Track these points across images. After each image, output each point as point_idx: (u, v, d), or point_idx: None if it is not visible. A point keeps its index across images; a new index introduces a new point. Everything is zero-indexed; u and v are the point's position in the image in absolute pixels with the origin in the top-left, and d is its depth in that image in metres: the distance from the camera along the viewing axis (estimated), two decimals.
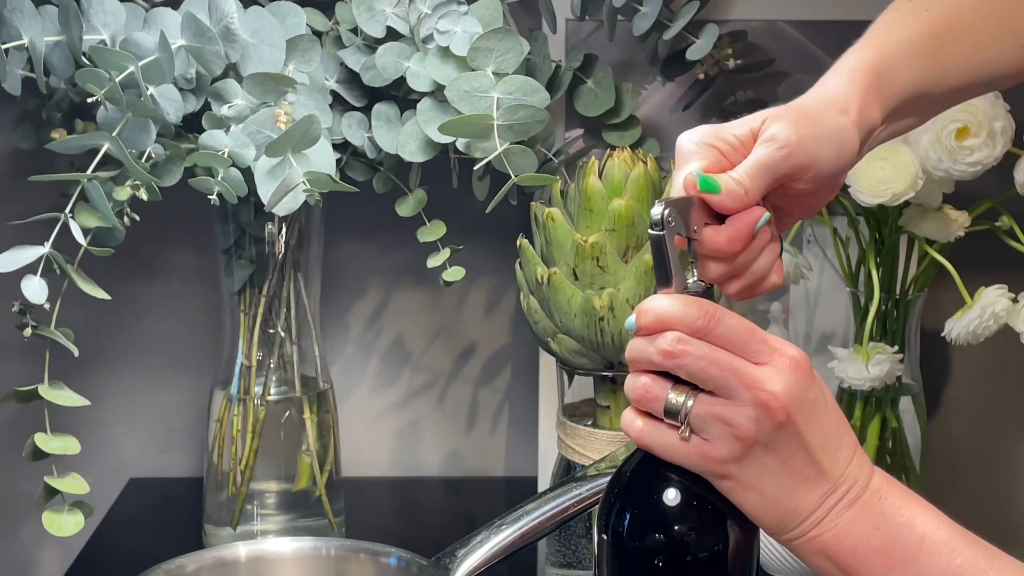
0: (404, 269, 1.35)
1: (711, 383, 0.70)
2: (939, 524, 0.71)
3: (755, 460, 0.70)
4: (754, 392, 0.69)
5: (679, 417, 0.70)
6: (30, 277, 0.97)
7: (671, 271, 0.72)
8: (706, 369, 0.69)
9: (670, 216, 0.72)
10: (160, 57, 0.98)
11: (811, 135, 0.76)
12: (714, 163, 0.75)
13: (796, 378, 0.70)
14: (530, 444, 1.35)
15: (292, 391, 1.18)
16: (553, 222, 1.03)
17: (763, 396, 0.69)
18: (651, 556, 0.72)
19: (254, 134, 1.02)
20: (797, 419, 0.69)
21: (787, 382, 0.69)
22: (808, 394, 0.70)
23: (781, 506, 0.71)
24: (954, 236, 1.15)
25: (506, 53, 1.03)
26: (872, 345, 1.15)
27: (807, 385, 0.70)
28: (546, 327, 1.06)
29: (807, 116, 0.76)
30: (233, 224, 1.15)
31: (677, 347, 0.70)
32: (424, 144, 1.08)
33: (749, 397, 0.69)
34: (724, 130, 0.76)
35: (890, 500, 0.72)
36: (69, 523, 1.02)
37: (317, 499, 1.19)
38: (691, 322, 0.70)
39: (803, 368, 0.70)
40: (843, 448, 0.72)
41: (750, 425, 0.69)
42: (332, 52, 1.11)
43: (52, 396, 1.01)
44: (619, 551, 0.73)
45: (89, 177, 0.97)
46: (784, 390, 0.69)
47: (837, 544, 0.71)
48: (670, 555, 0.72)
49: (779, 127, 0.75)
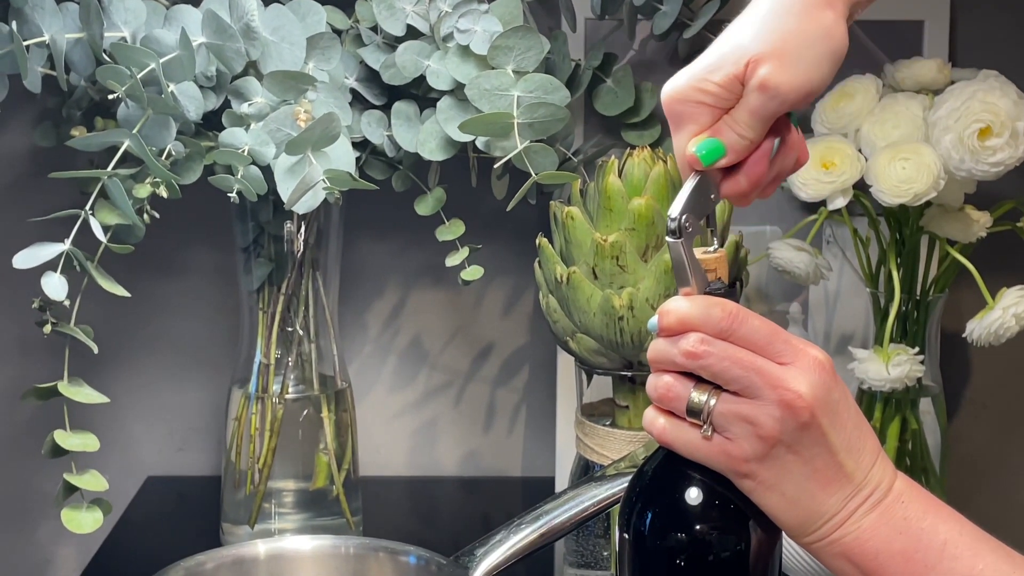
0: (422, 268, 1.35)
1: (735, 383, 0.70)
2: (961, 529, 0.71)
3: (778, 460, 0.70)
4: (779, 392, 0.69)
5: (702, 416, 0.70)
6: (50, 274, 0.97)
7: (690, 274, 0.71)
8: (729, 369, 0.69)
9: (687, 222, 0.71)
10: (181, 54, 0.98)
11: (802, 70, 0.72)
12: (708, 120, 0.73)
13: (820, 378, 0.69)
14: (548, 444, 1.35)
15: (310, 390, 1.18)
16: (573, 221, 1.03)
17: (788, 396, 0.69)
18: (673, 555, 0.72)
19: (274, 132, 1.02)
20: (821, 420, 0.69)
21: (812, 382, 0.69)
22: (832, 395, 0.70)
23: (803, 507, 0.70)
24: (976, 237, 1.15)
25: (526, 51, 1.03)
26: (892, 346, 1.15)
27: (831, 386, 0.70)
28: (565, 326, 1.06)
29: (792, 51, 0.72)
30: (252, 222, 1.15)
31: (700, 348, 0.70)
32: (444, 142, 1.08)
33: (773, 396, 0.69)
34: (707, 81, 0.72)
35: (913, 504, 0.71)
36: (88, 520, 1.02)
37: (335, 498, 1.19)
38: (714, 323, 0.70)
39: (827, 369, 0.70)
40: (866, 451, 0.71)
41: (774, 424, 0.69)
42: (352, 50, 1.11)
43: (71, 393, 1.01)
44: (641, 550, 0.73)
45: (109, 174, 0.98)
46: (809, 390, 0.69)
47: (859, 547, 0.70)
48: (692, 554, 0.72)
49: (768, 73, 0.71)
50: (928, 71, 1.16)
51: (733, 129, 0.72)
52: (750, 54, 0.71)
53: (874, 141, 1.13)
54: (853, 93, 1.16)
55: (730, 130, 0.72)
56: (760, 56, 0.71)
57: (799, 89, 0.72)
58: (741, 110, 0.72)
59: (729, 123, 0.72)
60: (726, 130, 0.72)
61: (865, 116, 1.14)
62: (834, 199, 1.12)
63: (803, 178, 1.13)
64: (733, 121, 0.72)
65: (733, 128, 0.72)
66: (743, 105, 0.72)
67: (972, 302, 1.15)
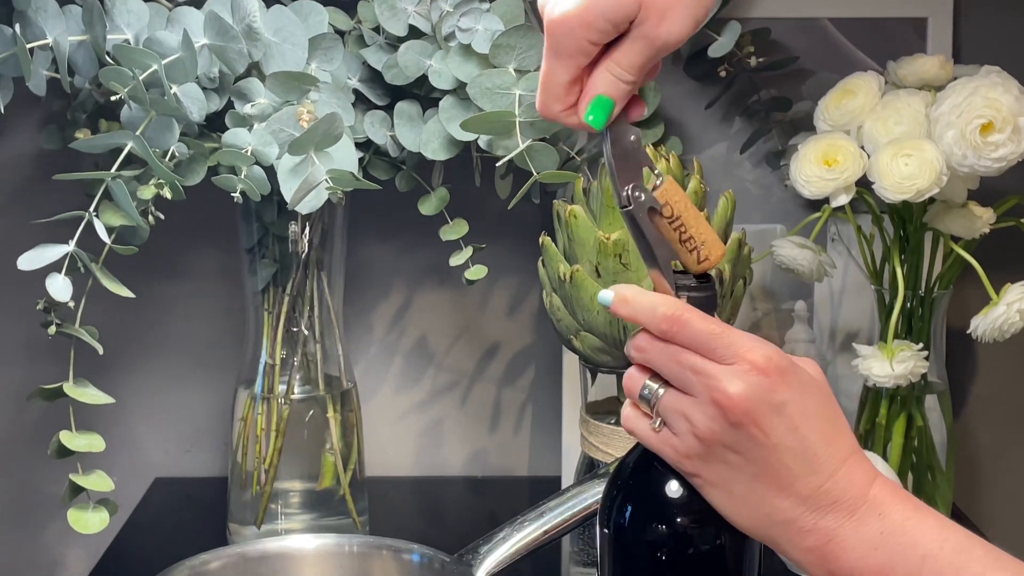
0: (427, 269, 1.35)
1: (673, 379, 0.71)
2: (944, 541, 0.69)
3: (720, 460, 0.70)
4: (710, 391, 0.69)
5: (651, 406, 0.72)
6: (55, 275, 0.98)
7: (653, 247, 0.72)
8: (667, 364, 0.71)
9: (635, 191, 0.72)
10: (183, 56, 0.98)
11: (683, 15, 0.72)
12: (585, 60, 0.72)
13: (757, 380, 0.69)
14: (554, 443, 1.35)
15: (316, 390, 1.19)
16: (576, 219, 1.03)
17: (717, 395, 0.69)
18: (653, 549, 0.72)
19: (277, 132, 1.03)
20: (759, 421, 0.69)
21: (747, 383, 0.69)
22: (773, 397, 0.69)
23: (752, 508, 0.70)
24: (979, 233, 1.15)
25: (528, 50, 1.03)
26: (897, 343, 1.15)
27: (772, 388, 0.69)
28: (569, 325, 1.06)
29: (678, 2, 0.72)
30: (256, 223, 1.16)
31: (643, 343, 0.72)
32: (446, 142, 1.08)
33: (706, 395, 0.69)
34: (599, 21, 0.71)
35: (891, 515, 0.70)
36: (94, 520, 1.02)
37: (341, 498, 1.19)
38: (657, 324, 0.71)
39: (768, 371, 0.69)
40: (831, 456, 0.70)
41: (707, 422, 0.69)
42: (354, 51, 1.11)
43: (77, 394, 1.02)
44: (621, 545, 0.73)
45: (113, 176, 0.98)
46: (740, 391, 0.69)
47: (835, 560, 0.69)
48: (672, 548, 0.72)
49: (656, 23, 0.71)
50: (930, 67, 1.16)
51: (614, 74, 0.72)
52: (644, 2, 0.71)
53: (876, 138, 1.13)
54: (855, 90, 1.16)
55: (612, 77, 0.72)
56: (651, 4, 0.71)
57: (683, 37, 0.72)
58: (625, 55, 0.72)
59: (611, 69, 0.72)
60: (607, 78, 0.72)
61: (867, 113, 1.14)
62: (837, 196, 1.12)
63: (806, 176, 1.13)
64: (615, 66, 0.72)
65: (614, 73, 0.72)
66: (628, 51, 0.72)
67: (977, 298, 1.15)
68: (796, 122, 1.29)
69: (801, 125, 1.28)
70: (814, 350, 1.32)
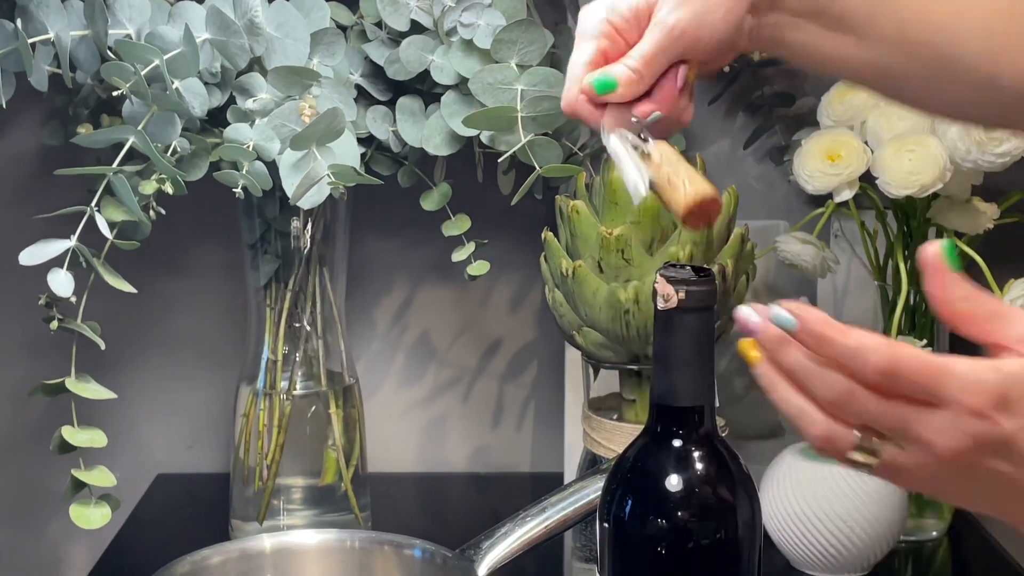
0: (430, 265, 1.35)
1: (887, 431, 0.64)
2: None
3: (961, 484, 0.65)
4: (930, 445, 0.63)
5: (867, 454, 0.65)
6: (56, 270, 0.98)
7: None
8: (881, 418, 0.63)
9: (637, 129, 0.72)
10: (185, 50, 0.98)
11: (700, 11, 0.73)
12: (609, 44, 0.74)
13: (974, 425, 0.62)
14: (556, 440, 1.35)
15: (318, 386, 1.18)
16: (578, 215, 1.03)
17: (937, 449, 0.63)
18: (652, 542, 0.72)
19: (279, 127, 1.03)
20: (988, 464, 0.63)
21: (964, 431, 0.62)
22: (993, 435, 0.63)
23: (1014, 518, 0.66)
24: (983, 228, 1.15)
25: (530, 45, 1.03)
26: (900, 339, 1.14)
27: (990, 429, 0.63)
28: (571, 320, 1.06)
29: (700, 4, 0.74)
30: (259, 219, 1.16)
31: (850, 396, 0.63)
32: (448, 137, 1.08)
33: (927, 449, 0.63)
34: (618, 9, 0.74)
35: None
36: (96, 515, 1.02)
37: (343, 494, 1.19)
38: (868, 376, 0.63)
39: (984, 411, 0.62)
40: None
41: (933, 469, 0.64)
42: (356, 46, 1.11)
43: (79, 389, 1.02)
44: (621, 539, 0.73)
45: (115, 170, 0.98)
46: (957, 445, 0.63)
47: None
48: (671, 541, 0.72)
49: (670, 9, 0.73)
50: None
51: (627, 64, 0.73)
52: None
53: (880, 133, 1.12)
54: None
55: (624, 67, 0.73)
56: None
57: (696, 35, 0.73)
58: (642, 44, 0.73)
59: (624, 60, 0.73)
60: (619, 68, 0.73)
61: (871, 108, 1.14)
62: (840, 192, 1.12)
63: (809, 171, 1.13)
64: (628, 57, 0.73)
65: (627, 63, 0.73)
66: (645, 39, 0.73)
67: None
68: (800, 118, 1.29)
69: (805, 121, 1.27)
70: None
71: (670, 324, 0.72)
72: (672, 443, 0.73)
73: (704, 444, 0.73)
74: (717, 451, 0.74)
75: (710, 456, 0.73)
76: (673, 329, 0.72)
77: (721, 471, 0.73)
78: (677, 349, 0.72)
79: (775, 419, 1.33)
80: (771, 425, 1.33)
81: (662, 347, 0.73)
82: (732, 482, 0.73)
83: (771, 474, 1.13)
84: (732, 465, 0.74)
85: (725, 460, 0.74)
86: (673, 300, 0.72)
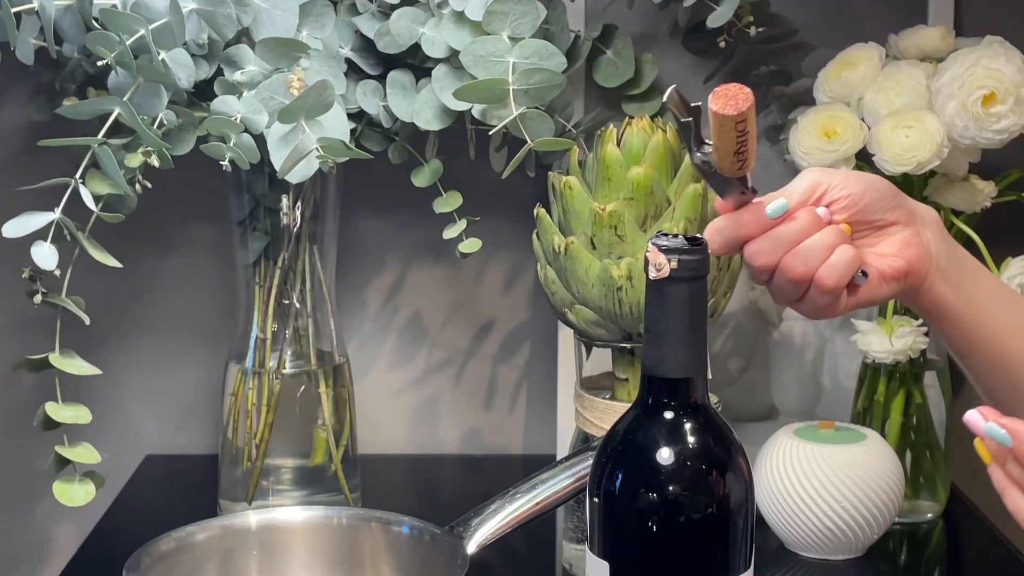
0: (421, 245, 1.34)
1: None
2: None
3: None
4: None
5: None
6: (40, 243, 0.96)
7: None
8: None
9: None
10: (171, 20, 0.97)
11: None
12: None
13: None
14: (549, 421, 1.34)
15: (308, 364, 1.17)
16: (571, 191, 1.02)
17: None
18: (643, 517, 0.70)
19: (267, 100, 1.01)
20: None
21: None
22: None
23: None
24: (980, 207, 1.13)
25: (522, 17, 1.02)
26: (896, 318, 1.13)
27: None
28: (563, 298, 1.04)
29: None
30: (248, 195, 1.14)
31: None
32: (439, 112, 1.07)
33: None
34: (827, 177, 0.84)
35: None
36: (80, 493, 1.01)
37: (333, 474, 1.18)
38: None
39: None
40: None
41: None
42: (346, 19, 1.09)
43: (63, 365, 1.00)
44: (611, 513, 0.72)
45: (100, 142, 0.96)
46: None
47: None
48: (662, 516, 0.70)
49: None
50: (931, 39, 1.15)
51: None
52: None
53: (877, 109, 1.11)
54: (856, 62, 1.14)
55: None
56: None
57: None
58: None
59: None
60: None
61: (868, 85, 1.13)
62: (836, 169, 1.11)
63: (805, 147, 1.12)
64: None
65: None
66: None
67: None
68: (796, 97, 1.27)
69: (801, 100, 1.26)
70: (812, 327, 1.30)
71: (662, 294, 0.71)
72: (663, 415, 0.72)
73: (696, 416, 0.72)
74: (709, 423, 0.72)
75: (702, 428, 0.72)
76: (665, 299, 0.71)
77: (713, 444, 0.72)
78: (669, 319, 0.71)
79: (770, 401, 1.32)
80: (766, 407, 1.32)
81: (654, 317, 0.71)
82: (725, 455, 0.72)
83: (765, 454, 1.12)
84: (725, 438, 0.73)
85: (718, 432, 0.72)
86: (665, 269, 0.71)
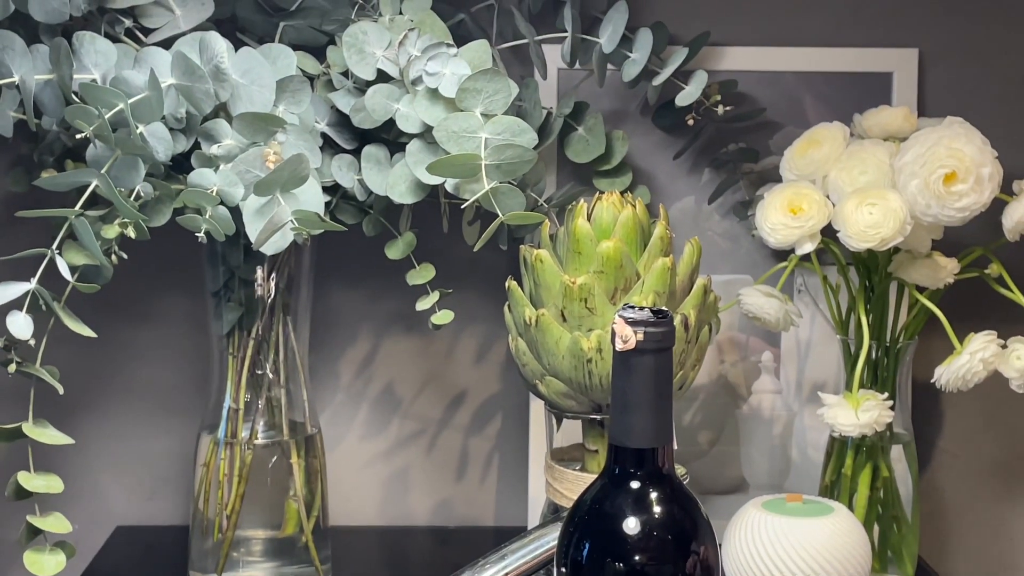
0: (394, 316, 1.35)
1: None
2: None
3: None
4: None
5: None
6: (16, 313, 0.97)
7: None
8: None
9: None
10: (150, 95, 0.98)
11: None
12: None
13: None
14: (520, 493, 1.34)
15: (280, 435, 1.18)
16: (542, 264, 1.03)
17: None
18: None
19: (243, 173, 1.03)
20: None
21: None
22: None
23: None
24: (943, 283, 1.15)
25: (494, 94, 1.04)
26: (862, 392, 1.15)
27: None
28: (534, 369, 1.06)
29: None
30: (223, 267, 1.15)
31: None
32: (413, 185, 1.08)
33: None
34: None
35: None
36: (51, 563, 1.01)
37: (304, 546, 1.18)
38: None
39: None
40: None
41: None
42: (323, 95, 1.11)
43: (36, 434, 1.01)
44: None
45: (77, 213, 0.97)
46: None
47: None
48: None
49: None
50: (895, 119, 1.18)
51: None
52: None
53: (841, 187, 1.13)
54: (821, 140, 1.16)
55: None
56: None
57: None
58: None
59: None
60: None
61: (833, 163, 1.15)
62: (802, 244, 1.13)
63: (772, 223, 1.14)
64: None
65: None
66: None
67: (943, 349, 1.15)
68: (764, 174, 1.30)
69: (768, 177, 1.28)
70: (780, 401, 1.32)
71: (628, 365, 0.73)
72: (629, 485, 0.73)
73: (662, 486, 0.73)
74: (675, 494, 0.73)
75: (668, 498, 0.73)
76: (631, 370, 0.72)
77: (679, 513, 0.73)
78: (635, 390, 0.72)
79: (739, 473, 1.33)
80: (736, 480, 1.33)
81: (620, 388, 0.73)
82: (690, 525, 0.73)
83: (733, 527, 1.13)
84: (690, 508, 0.74)
85: (683, 503, 0.73)
86: (631, 341, 0.72)
